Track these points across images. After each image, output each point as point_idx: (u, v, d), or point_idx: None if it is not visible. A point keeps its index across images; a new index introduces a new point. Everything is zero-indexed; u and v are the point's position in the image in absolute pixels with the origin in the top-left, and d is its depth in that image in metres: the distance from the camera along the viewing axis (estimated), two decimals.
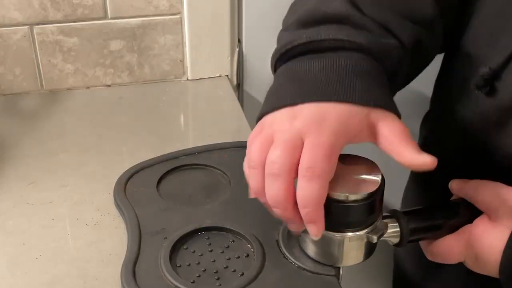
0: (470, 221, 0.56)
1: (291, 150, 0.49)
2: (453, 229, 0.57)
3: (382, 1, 0.57)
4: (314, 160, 0.49)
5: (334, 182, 0.51)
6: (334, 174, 0.50)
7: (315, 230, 0.51)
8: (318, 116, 0.50)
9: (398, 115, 0.53)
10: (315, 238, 0.52)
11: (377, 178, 0.52)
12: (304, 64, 0.54)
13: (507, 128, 0.56)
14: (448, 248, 0.57)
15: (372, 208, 0.52)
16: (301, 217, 0.51)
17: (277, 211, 0.51)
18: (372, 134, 0.52)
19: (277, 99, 0.53)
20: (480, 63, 0.57)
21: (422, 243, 0.60)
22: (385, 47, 0.55)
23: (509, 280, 0.53)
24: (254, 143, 0.52)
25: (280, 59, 0.57)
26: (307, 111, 0.51)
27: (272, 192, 0.50)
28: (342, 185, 0.52)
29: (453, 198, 0.60)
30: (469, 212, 0.56)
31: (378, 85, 0.53)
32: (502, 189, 0.54)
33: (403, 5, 0.57)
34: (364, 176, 0.53)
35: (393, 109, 0.52)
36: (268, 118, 0.53)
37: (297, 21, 0.58)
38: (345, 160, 0.53)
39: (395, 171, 0.61)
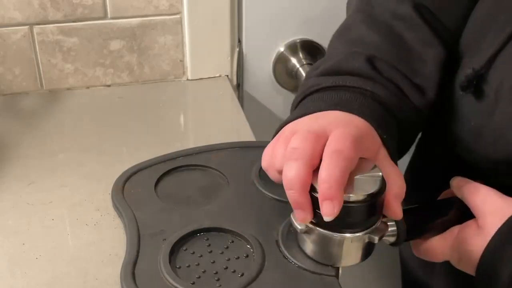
0: (461, 221, 0.57)
1: (314, 140, 0.50)
2: (445, 228, 0.58)
3: (394, 64, 0.61)
4: (342, 144, 0.50)
5: None
6: None
7: (330, 208, 0.49)
8: (343, 119, 0.54)
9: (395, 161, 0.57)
10: (331, 218, 0.49)
11: (378, 178, 0.52)
12: (328, 93, 0.59)
13: (482, 132, 0.58)
14: (433, 248, 0.58)
15: (373, 209, 0.52)
16: (311, 204, 0.50)
17: (291, 194, 0.50)
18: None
19: (301, 111, 0.57)
20: (465, 66, 0.60)
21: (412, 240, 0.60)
22: (401, 104, 0.59)
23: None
24: (275, 146, 0.54)
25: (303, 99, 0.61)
26: (332, 115, 0.55)
27: (290, 174, 0.50)
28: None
29: (445, 193, 0.61)
30: (461, 213, 0.57)
31: (391, 132, 0.58)
32: (493, 197, 0.55)
33: (406, 66, 0.61)
34: (364, 177, 0.52)
35: (394, 158, 0.56)
36: (290, 125, 0.56)
37: (320, 72, 0.61)
38: None
39: None
